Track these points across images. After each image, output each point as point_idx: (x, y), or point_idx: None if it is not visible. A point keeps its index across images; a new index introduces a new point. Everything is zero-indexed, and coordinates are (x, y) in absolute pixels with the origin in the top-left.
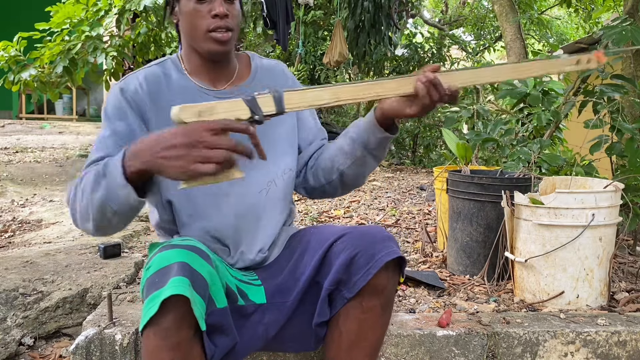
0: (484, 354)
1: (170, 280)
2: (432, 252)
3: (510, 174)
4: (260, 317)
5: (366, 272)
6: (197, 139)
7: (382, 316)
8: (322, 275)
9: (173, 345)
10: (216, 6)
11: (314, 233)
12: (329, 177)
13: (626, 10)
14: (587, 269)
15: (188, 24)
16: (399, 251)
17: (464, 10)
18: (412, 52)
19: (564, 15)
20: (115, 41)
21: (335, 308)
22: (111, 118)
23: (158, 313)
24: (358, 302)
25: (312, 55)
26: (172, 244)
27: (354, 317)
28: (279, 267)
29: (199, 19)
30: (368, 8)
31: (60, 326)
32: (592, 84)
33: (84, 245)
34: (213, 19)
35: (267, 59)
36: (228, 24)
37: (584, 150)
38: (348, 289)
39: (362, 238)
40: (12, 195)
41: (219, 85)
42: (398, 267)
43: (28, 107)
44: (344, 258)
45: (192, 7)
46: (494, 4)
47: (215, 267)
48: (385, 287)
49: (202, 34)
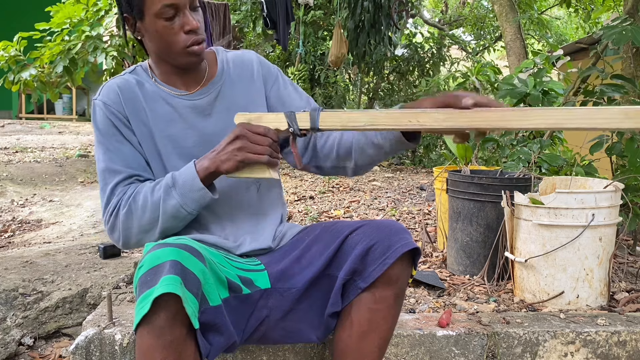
0: (484, 354)
1: (161, 278)
2: (432, 252)
3: (510, 174)
4: (264, 301)
5: (382, 262)
6: (244, 134)
7: (394, 307)
8: (335, 267)
9: (166, 344)
10: (189, 21)
11: (326, 226)
12: (343, 164)
13: (626, 10)
14: (587, 269)
15: (160, 42)
16: (414, 243)
17: (464, 10)
18: (412, 52)
19: (564, 15)
20: (115, 41)
21: (348, 299)
22: (107, 135)
23: (151, 312)
24: (371, 292)
25: (312, 55)
26: (165, 242)
27: (366, 307)
28: (283, 254)
29: (172, 36)
30: (368, 8)
31: (60, 326)
32: (592, 84)
33: (83, 245)
34: (187, 34)
35: (233, 51)
36: (200, 34)
37: (584, 150)
38: (363, 279)
39: (379, 229)
40: (11, 195)
41: (192, 88)
42: (412, 259)
43: (28, 107)
44: (361, 249)
45: (162, 26)
46: (494, 4)
47: (209, 265)
48: (399, 278)
49: (179, 50)
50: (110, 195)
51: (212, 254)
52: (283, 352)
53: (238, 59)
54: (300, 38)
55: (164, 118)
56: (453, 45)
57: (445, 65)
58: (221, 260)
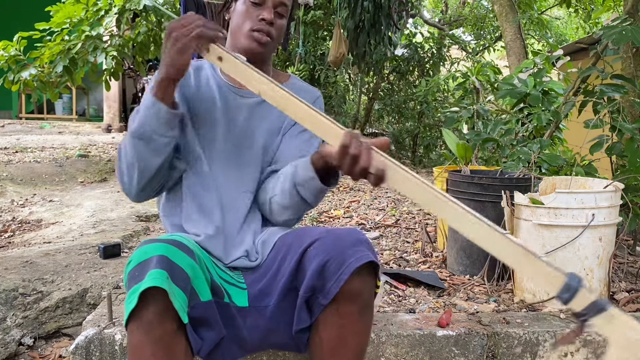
0: (484, 354)
1: (148, 273)
2: (432, 252)
3: (510, 174)
4: (242, 320)
5: (338, 278)
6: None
7: (361, 321)
8: (299, 281)
9: (156, 339)
10: (266, 13)
11: (296, 235)
12: (263, 200)
13: (626, 10)
14: (587, 269)
15: (237, 20)
16: (370, 255)
17: (464, 10)
18: (412, 52)
19: (564, 15)
20: (115, 41)
21: (314, 314)
22: None
23: (139, 307)
24: (334, 308)
25: (312, 55)
26: (154, 238)
27: (332, 323)
28: (265, 271)
29: (247, 18)
30: (368, 8)
31: (60, 326)
32: (592, 84)
33: (83, 245)
34: (259, 21)
35: (308, 84)
36: (270, 30)
37: (584, 150)
38: (323, 296)
39: (334, 243)
40: (11, 195)
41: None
42: (373, 271)
43: (28, 107)
44: (317, 264)
45: (246, 8)
46: (494, 4)
47: (199, 261)
48: (360, 292)
49: (245, 31)
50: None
51: (202, 253)
52: (283, 352)
53: (305, 86)
54: (300, 38)
55: (205, 97)
56: (453, 45)
57: (445, 65)
58: (209, 263)
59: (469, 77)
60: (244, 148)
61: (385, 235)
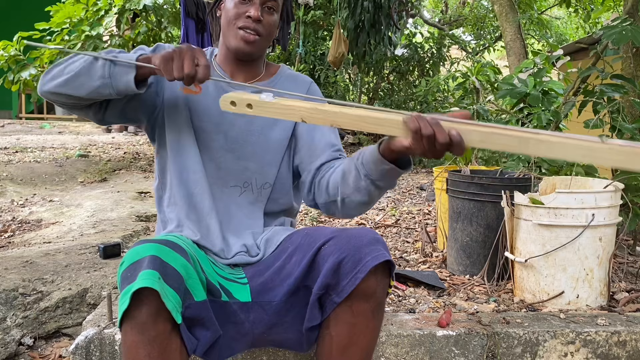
0: (484, 354)
1: (139, 274)
2: (432, 252)
3: (510, 174)
4: (245, 315)
5: (354, 277)
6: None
7: (373, 320)
8: (311, 279)
9: (150, 340)
10: (252, 10)
11: (306, 234)
12: (334, 198)
13: (626, 10)
14: (587, 269)
15: (225, 17)
16: (386, 254)
17: (464, 10)
18: (412, 52)
19: (564, 15)
20: (115, 41)
21: (326, 312)
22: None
23: (132, 308)
24: (347, 306)
25: (312, 55)
26: (147, 239)
27: (344, 322)
28: (267, 266)
29: (235, 16)
30: (368, 8)
31: (60, 326)
32: (592, 84)
33: (83, 245)
34: (246, 19)
35: (299, 73)
36: (258, 28)
37: None
38: (337, 294)
39: (350, 242)
40: (11, 195)
41: (238, 79)
42: (387, 270)
43: (28, 107)
44: (332, 262)
45: (234, 5)
46: (494, 4)
47: (192, 261)
48: (374, 291)
49: (233, 28)
50: None
51: (198, 253)
52: (283, 352)
53: (293, 75)
54: (300, 38)
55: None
56: (453, 45)
57: (445, 65)
58: (205, 262)
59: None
60: (241, 142)
61: (385, 235)
